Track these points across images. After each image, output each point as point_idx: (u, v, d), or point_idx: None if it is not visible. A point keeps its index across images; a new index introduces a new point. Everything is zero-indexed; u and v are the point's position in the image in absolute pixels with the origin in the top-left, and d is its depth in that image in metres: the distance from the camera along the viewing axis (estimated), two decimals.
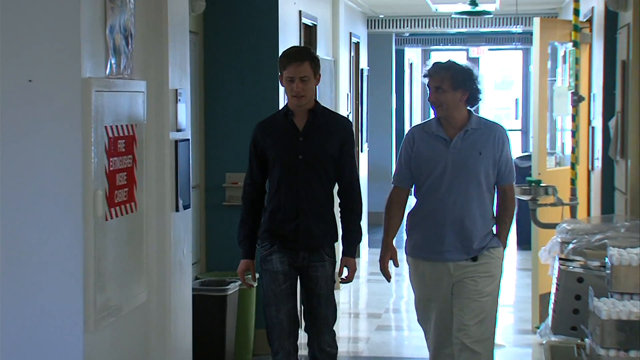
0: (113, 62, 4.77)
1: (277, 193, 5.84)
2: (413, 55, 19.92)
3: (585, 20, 10.14)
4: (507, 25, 15.91)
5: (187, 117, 5.92)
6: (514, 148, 22.26)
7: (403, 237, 5.94)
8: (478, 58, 21.73)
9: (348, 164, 5.94)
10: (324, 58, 10.84)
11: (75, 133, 4.39)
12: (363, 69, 14.32)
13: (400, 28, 16.35)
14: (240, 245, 5.95)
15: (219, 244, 7.96)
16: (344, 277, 5.98)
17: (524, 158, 14.43)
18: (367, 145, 14.25)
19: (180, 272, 5.75)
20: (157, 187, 5.48)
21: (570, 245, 6.78)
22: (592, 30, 9.91)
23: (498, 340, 8.55)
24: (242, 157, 6.31)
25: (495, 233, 5.83)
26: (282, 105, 8.79)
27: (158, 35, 5.48)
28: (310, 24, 10.19)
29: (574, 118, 10.37)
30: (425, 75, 5.71)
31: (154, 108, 5.44)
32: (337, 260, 5.97)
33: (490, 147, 5.71)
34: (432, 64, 5.75)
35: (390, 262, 5.88)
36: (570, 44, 9.78)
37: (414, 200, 5.87)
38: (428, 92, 5.77)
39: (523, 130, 22.22)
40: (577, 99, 10.29)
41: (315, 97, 6.03)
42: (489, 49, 21.13)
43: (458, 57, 5.60)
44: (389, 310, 10.31)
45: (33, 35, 4.36)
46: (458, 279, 5.71)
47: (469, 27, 16.03)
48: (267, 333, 5.89)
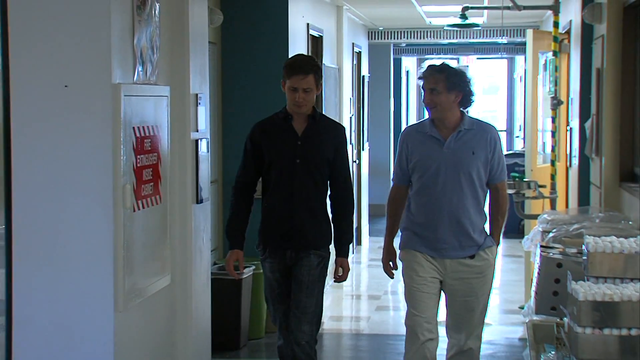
0: (140, 69, 4.77)
1: (273, 194, 5.54)
2: (409, 64, 19.89)
3: (564, 32, 10.13)
4: (493, 37, 15.90)
5: (206, 118, 5.91)
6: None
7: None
8: (467, 66, 21.69)
9: (342, 168, 5.64)
10: (329, 66, 10.83)
11: (106, 133, 4.39)
12: (364, 76, 14.30)
13: (398, 39, 16.34)
14: (229, 237, 5.60)
15: None
16: (339, 275, 5.66)
17: (509, 156, 14.45)
18: (368, 144, 14.24)
19: (200, 258, 5.76)
20: (179, 181, 5.48)
21: (551, 234, 6.77)
22: (570, 41, 9.89)
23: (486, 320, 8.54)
24: None
25: (489, 230, 5.59)
26: None
27: (180, 45, 5.47)
28: (317, 35, 10.18)
29: (554, 120, 10.35)
30: (420, 77, 5.46)
31: (177, 110, 5.44)
32: (329, 258, 5.67)
33: (483, 146, 5.45)
34: (426, 67, 5.50)
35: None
36: (551, 53, 9.78)
37: (408, 198, 5.59)
38: (422, 93, 5.51)
39: (507, 131, 22.22)
40: (556, 103, 10.28)
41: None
42: (477, 58, 21.09)
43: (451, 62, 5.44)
44: (388, 292, 10.30)
45: (69, 46, 4.36)
46: (452, 278, 5.45)
47: (460, 38, 16.02)
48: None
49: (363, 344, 8.33)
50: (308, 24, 9.60)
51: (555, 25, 10.28)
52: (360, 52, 13.98)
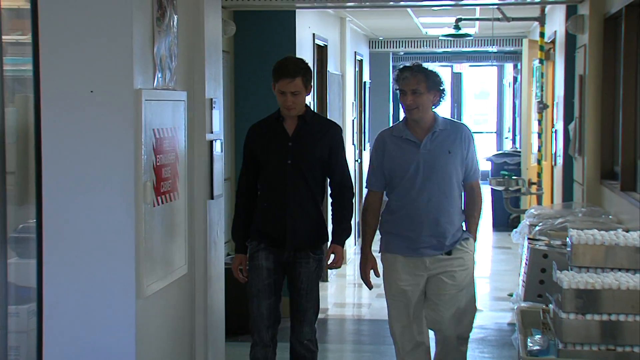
0: (159, 76, 4.76)
1: (266, 194, 5.30)
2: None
3: (550, 42, 10.13)
4: (484, 46, 15.91)
5: (220, 121, 5.90)
6: (491, 147, 22.20)
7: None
8: (461, 73, 21.68)
9: (338, 166, 5.29)
10: (333, 72, 10.83)
11: (129, 134, 4.38)
12: (365, 82, 14.31)
13: (397, 48, 16.35)
14: (234, 240, 5.40)
15: None
16: (331, 262, 5.37)
17: (499, 155, 14.42)
18: (369, 145, 14.25)
19: (215, 249, 5.75)
20: (195, 179, 5.47)
21: (537, 228, 6.78)
22: (555, 50, 9.89)
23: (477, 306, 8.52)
24: None
25: (466, 227, 5.24)
26: None
27: (196, 54, 5.47)
28: (322, 44, 10.18)
29: (540, 122, 10.35)
30: (403, 78, 5.07)
31: (193, 114, 5.43)
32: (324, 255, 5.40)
33: (459, 145, 5.10)
34: (403, 68, 5.12)
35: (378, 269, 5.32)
36: (537, 61, 9.77)
37: (387, 201, 5.26)
38: (399, 95, 5.12)
39: (497, 132, 22.20)
40: (542, 107, 10.27)
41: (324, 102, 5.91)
42: (470, 66, 21.05)
43: (442, 70, 5.19)
44: None
45: (94, 55, 4.35)
46: (434, 274, 5.13)
47: (453, 47, 16.02)
48: (249, 325, 5.39)
49: (364, 329, 8.34)
50: (314, 34, 9.61)
51: (542, 36, 10.28)
52: (362, 59, 13.99)
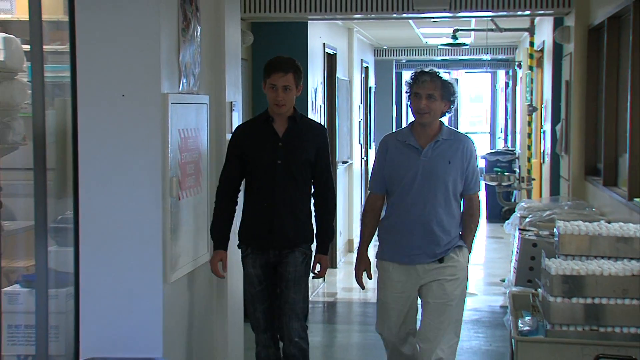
0: (184, 81, 4.77)
1: (254, 195, 4.92)
2: (409, 77, 19.88)
3: (539, 50, 10.12)
4: (479, 54, 15.90)
5: (239, 122, 5.91)
6: (485, 146, 22.17)
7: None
8: (457, 79, 21.68)
9: (324, 168, 4.93)
10: (342, 78, 10.83)
11: (156, 134, 4.40)
12: (371, 87, 14.32)
13: (399, 56, 16.36)
14: (213, 238, 4.99)
15: None
16: (317, 272, 4.99)
17: (492, 154, 14.43)
18: (374, 144, 14.24)
19: (234, 238, 5.76)
20: (216, 175, 5.49)
21: (527, 219, 6.77)
22: (543, 58, 9.88)
23: (471, 290, 8.55)
24: None
25: (461, 239, 4.80)
26: (310, 112, 8.81)
27: (218, 61, 5.48)
28: (332, 53, 10.18)
29: (530, 123, 10.33)
30: (422, 82, 4.76)
31: (215, 116, 5.44)
32: (312, 256, 5.01)
33: (459, 157, 4.72)
34: (421, 72, 4.80)
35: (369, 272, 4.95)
36: (527, 68, 9.76)
37: (386, 206, 4.89)
38: (410, 98, 4.81)
39: (490, 133, 22.19)
40: (531, 109, 10.26)
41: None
42: (466, 72, 21.06)
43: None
44: None
45: (125, 61, 4.37)
46: (426, 281, 4.73)
47: (451, 55, 16.04)
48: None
49: (370, 311, 8.33)
50: (324, 44, 9.62)
51: (531, 45, 10.27)
52: (368, 66, 13.99)
